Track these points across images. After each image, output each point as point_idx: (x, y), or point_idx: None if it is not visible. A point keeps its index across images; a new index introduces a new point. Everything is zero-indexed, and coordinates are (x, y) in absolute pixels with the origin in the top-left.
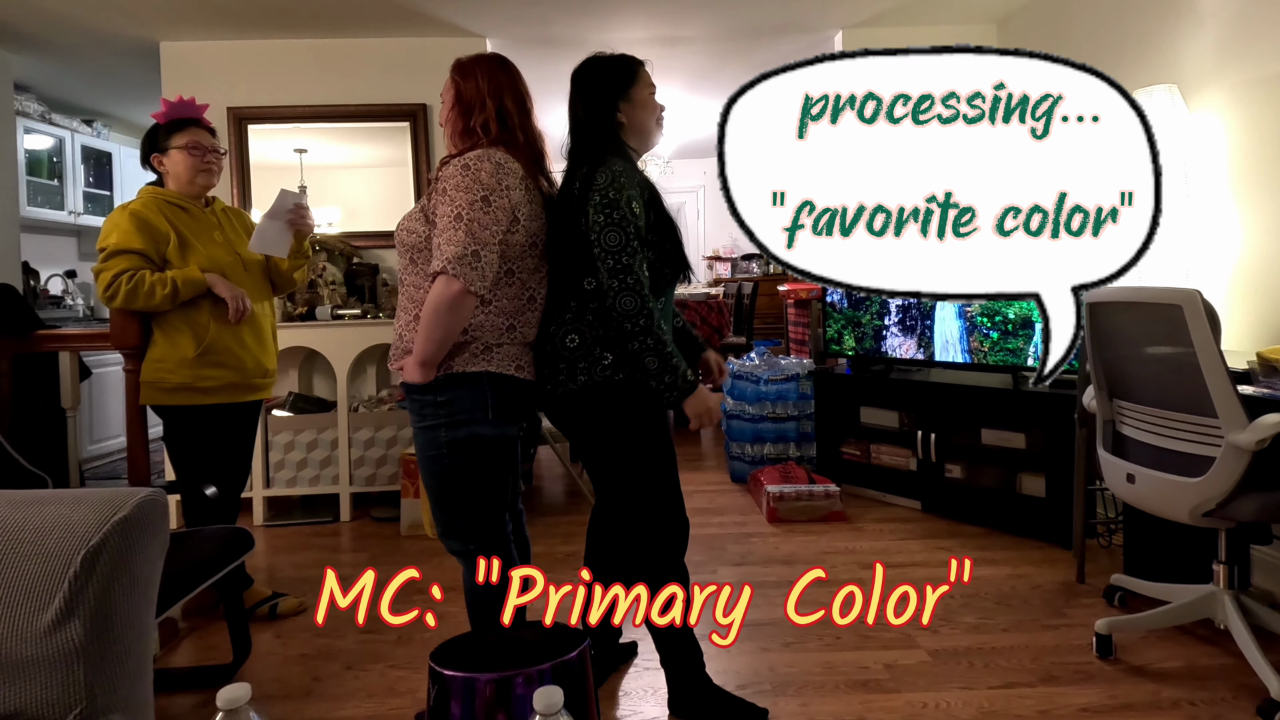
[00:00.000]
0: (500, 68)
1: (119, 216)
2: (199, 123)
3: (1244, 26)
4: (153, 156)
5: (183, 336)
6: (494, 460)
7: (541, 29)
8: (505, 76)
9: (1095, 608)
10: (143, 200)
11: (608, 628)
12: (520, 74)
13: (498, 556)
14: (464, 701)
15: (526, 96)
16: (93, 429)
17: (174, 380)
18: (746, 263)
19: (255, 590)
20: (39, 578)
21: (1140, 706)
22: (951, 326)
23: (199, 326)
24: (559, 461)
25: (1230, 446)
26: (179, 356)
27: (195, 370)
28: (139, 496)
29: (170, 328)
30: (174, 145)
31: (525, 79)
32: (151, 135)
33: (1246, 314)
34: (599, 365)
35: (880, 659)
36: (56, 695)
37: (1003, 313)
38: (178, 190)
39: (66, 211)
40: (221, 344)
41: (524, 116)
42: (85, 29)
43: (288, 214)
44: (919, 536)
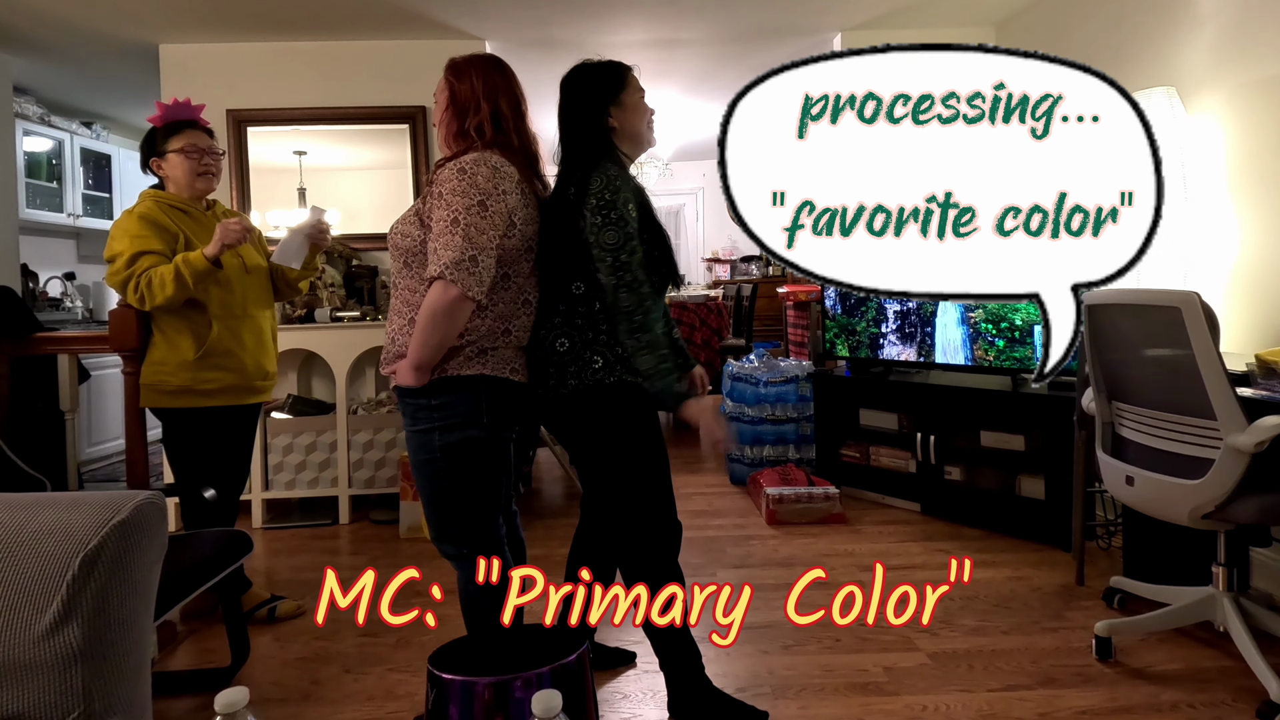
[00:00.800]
0: (495, 69)
1: (126, 221)
2: (196, 124)
3: (1242, 29)
4: (151, 161)
5: (183, 339)
6: (487, 464)
7: (540, 31)
8: (500, 78)
9: (1095, 610)
10: (146, 204)
11: (585, 629)
12: (515, 75)
13: (492, 560)
14: (462, 705)
15: (521, 99)
16: (91, 432)
17: (174, 383)
18: (746, 265)
19: (254, 593)
20: (37, 581)
21: (1140, 709)
22: (954, 334)
23: (200, 328)
24: (558, 464)
25: (1229, 449)
26: (179, 359)
27: (195, 373)
28: (137, 500)
29: (171, 330)
30: (171, 149)
31: (523, 82)
32: (149, 139)
33: (1245, 316)
34: (589, 369)
35: (880, 661)
36: (54, 699)
37: (1009, 319)
38: (178, 194)
39: (65, 214)
40: (222, 346)
41: (519, 119)
42: (85, 31)
43: (310, 229)
44: (918, 539)
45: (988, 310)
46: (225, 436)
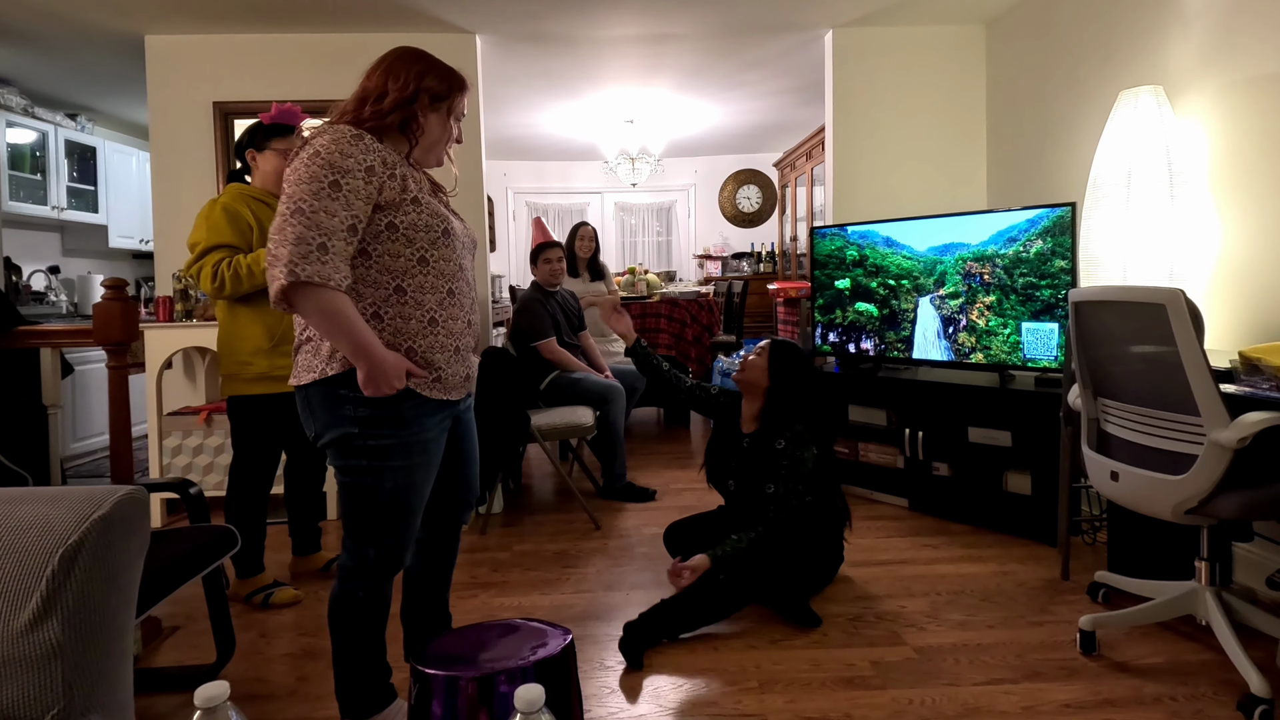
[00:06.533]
0: (420, 59)
1: (209, 210)
2: (296, 131)
3: (1228, 28)
4: (248, 151)
5: (255, 328)
6: (414, 465)
7: (531, 25)
8: (423, 66)
9: (1079, 604)
10: (230, 195)
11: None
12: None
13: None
14: (446, 700)
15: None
16: (75, 426)
17: (253, 370)
18: (736, 261)
19: (260, 578)
20: (16, 576)
21: (1123, 702)
22: (932, 330)
23: (270, 317)
24: (548, 460)
25: (1212, 444)
26: (254, 347)
27: (271, 360)
28: (119, 494)
29: (243, 320)
30: (272, 146)
31: (513, 75)
32: (251, 131)
33: (1229, 313)
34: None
35: (867, 656)
36: (34, 695)
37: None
38: (262, 186)
39: (49, 206)
40: (292, 334)
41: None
42: (69, 21)
43: None
44: (906, 534)
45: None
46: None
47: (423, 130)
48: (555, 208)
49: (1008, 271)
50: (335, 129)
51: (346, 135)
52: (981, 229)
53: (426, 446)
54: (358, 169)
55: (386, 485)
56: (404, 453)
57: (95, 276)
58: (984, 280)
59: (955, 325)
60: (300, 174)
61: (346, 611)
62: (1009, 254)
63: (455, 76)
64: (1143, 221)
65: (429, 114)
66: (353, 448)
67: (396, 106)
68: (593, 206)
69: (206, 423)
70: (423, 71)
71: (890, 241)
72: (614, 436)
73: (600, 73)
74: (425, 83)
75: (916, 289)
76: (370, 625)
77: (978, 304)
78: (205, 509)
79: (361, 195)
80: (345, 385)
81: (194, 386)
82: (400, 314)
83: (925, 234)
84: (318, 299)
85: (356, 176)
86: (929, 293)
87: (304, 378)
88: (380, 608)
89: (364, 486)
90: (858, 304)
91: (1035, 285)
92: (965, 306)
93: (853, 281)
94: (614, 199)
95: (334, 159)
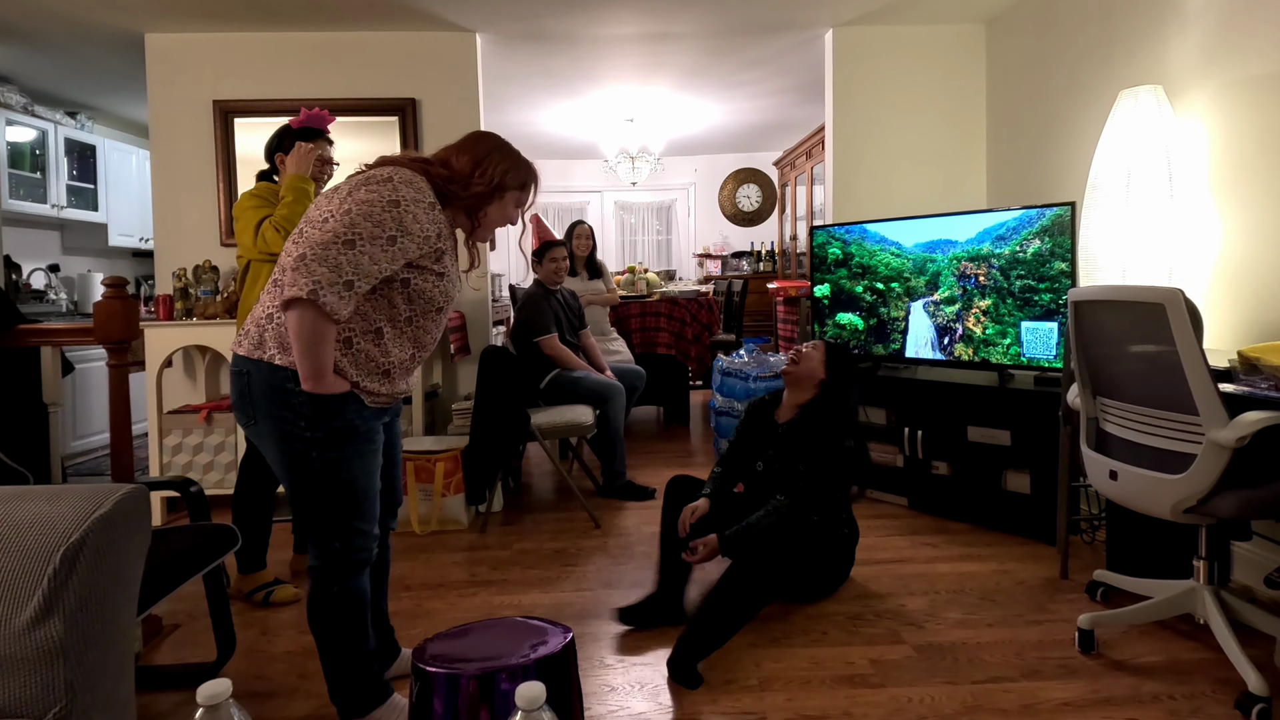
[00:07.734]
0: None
1: (244, 196)
2: (325, 135)
3: (1228, 28)
4: (277, 154)
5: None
6: (364, 451)
7: (532, 24)
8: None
9: (1078, 603)
10: (259, 186)
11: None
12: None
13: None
14: (447, 698)
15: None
16: (76, 425)
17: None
18: (736, 260)
19: (262, 575)
20: (18, 575)
21: (1121, 701)
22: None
23: None
24: (548, 458)
25: (1211, 444)
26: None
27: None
28: (120, 493)
29: (265, 281)
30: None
31: (514, 74)
32: (280, 134)
33: (1228, 312)
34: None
35: (866, 654)
36: (36, 693)
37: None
38: None
39: (49, 205)
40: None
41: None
42: (69, 19)
43: None
44: (905, 533)
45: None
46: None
47: (488, 217)
48: (555, 206)
49: (1004, 273)
50: (420, 184)
51: (426, 200)
52: (971, 228)
53: (371, 435)
54: (419, 234)
55: (341, 475)
56: (351, 438)
57: (95, 275)
58: (979, 283)
59: (951, 335)
60: (373, 207)
61: (325, 611)
62: (1004, 254)
63: (532, 172)
64: (1142, 221)
65: (498, 201)
66: (300, 439)
67: (475, 196)
68: (592, 205)
69: (207, 421)
70: (507, 169)
71: (881, 238)
72: (614, 435)
73: (600, 71)
74: (506, 179)
75: (908, 292)
76: (352, 620)
77: (974, 309)
78: (206, 507)
79: (407, 254)
80: (296, 379)
81: (194, 385)
82: (367, 354)
83: (915, 232)
84: (315, 322)
85: (413, 239)
86: (921, 296)
87: (268, 353)
88: (358, 601)
89: (317, 479)
90: (839, 315)
91: (1034, 289)
92: (961, 313)
93: (832, 287)
94: (614, 198)
95: (405, 219)
